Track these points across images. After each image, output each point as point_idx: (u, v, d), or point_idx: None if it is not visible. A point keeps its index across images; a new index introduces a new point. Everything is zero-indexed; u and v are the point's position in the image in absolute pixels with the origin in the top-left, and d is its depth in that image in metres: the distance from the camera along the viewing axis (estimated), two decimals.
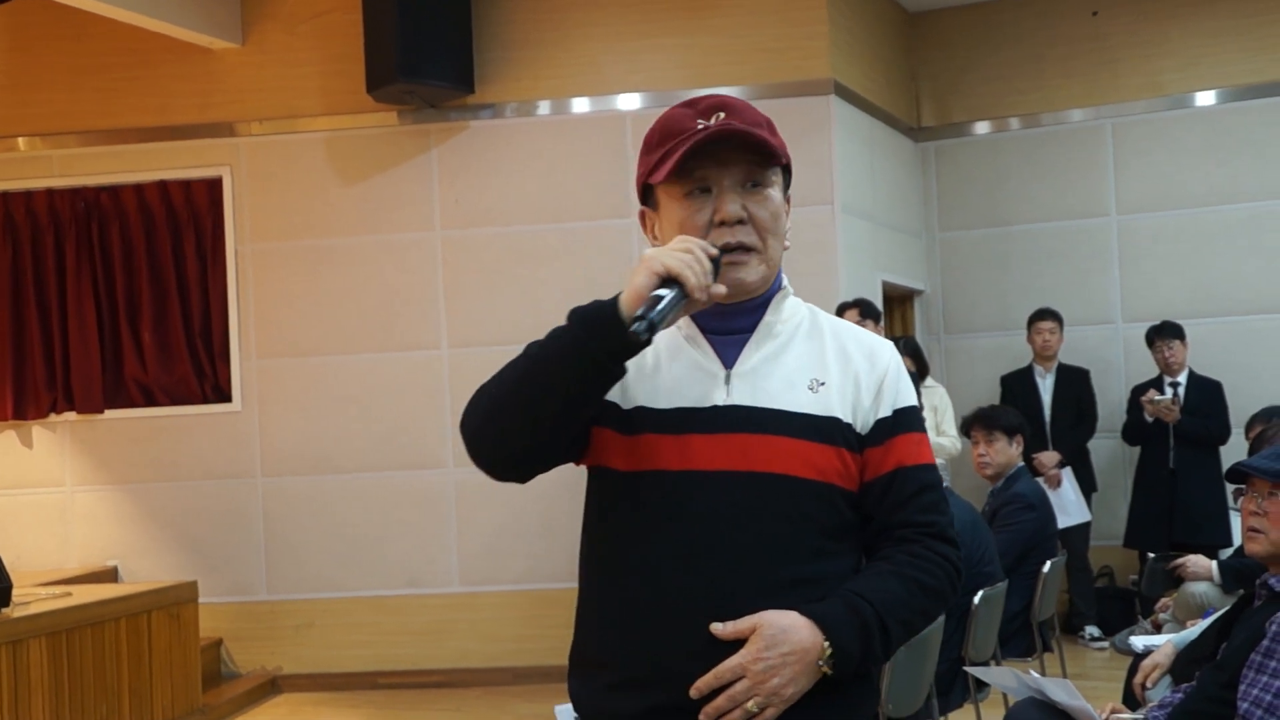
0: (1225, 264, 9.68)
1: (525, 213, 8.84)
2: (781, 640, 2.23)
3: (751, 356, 2.39)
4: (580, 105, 8.87)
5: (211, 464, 9.00)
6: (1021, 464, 6.99)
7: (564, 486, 9.00)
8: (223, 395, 9.06)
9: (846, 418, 2.38)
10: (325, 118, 8.96)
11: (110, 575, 8.92)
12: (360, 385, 8.93)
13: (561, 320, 2.35)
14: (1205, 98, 9.79)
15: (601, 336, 2.21)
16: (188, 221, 9.06)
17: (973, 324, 10.35)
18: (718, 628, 2.25)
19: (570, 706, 2.55)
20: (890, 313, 9.92)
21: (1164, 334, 9.20)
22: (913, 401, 2.47)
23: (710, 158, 2.33)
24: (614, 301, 2.23)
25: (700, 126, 2.34)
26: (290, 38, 8.98)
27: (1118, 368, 9.88)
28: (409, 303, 8.92)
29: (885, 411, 2.41)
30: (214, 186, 9.06)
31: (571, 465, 2.48)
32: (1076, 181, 10.07)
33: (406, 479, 8.89)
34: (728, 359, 2.39)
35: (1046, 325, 9.47)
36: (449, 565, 8.88)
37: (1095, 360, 9.72)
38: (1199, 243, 9.75)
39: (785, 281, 2.47)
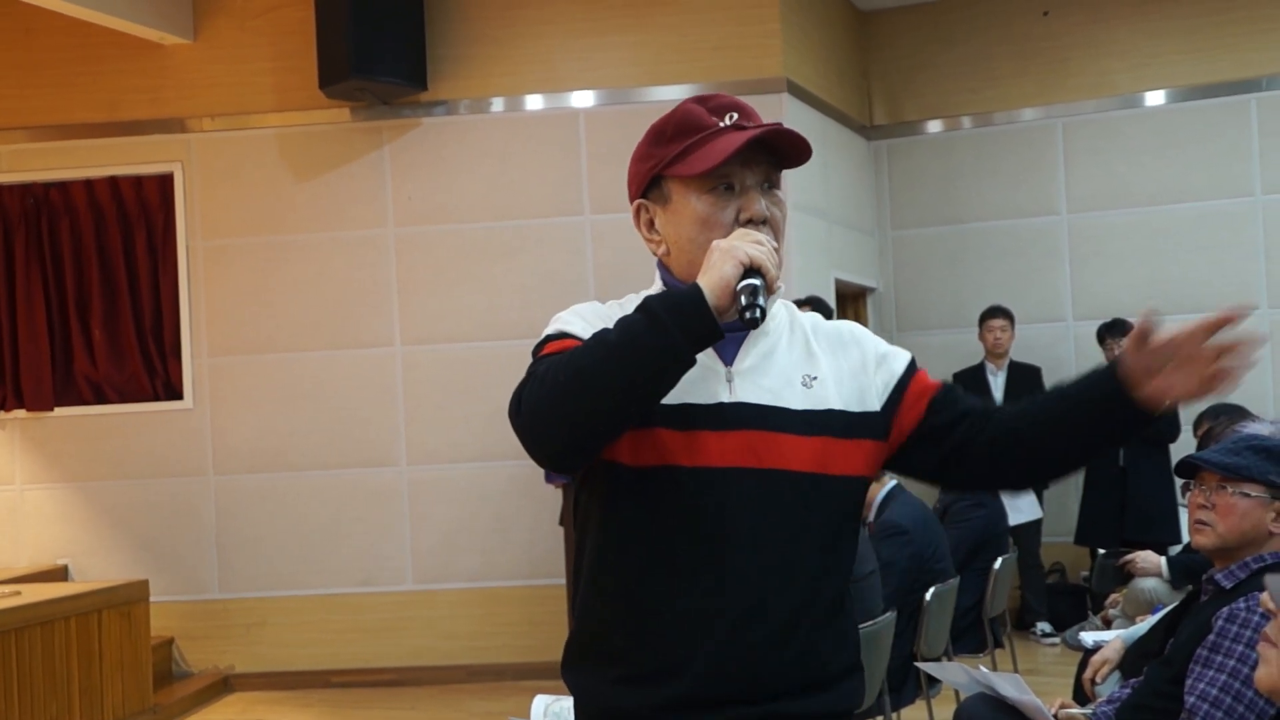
0: (1175, 262, 9.76)
1: (478, 210, 8.83)
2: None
3: (749, 354, 2.42)
4: (534, 103, 8.86)
5: (163, 462, 8.95)
6: None
7: (516, 484, 9.03)
8: (174, 392, 9.00)
9: (852, 407, 2.44)
10: (277, 114, 8.92)
11: (60, 574, 8.85)
12: (313, 382, 8.89)
13: (516, 316, 2.35)
14: (1155, 97, 9.87)
15: (689, 324, 2.19)
16: (139, 218, 9.00)
17: (925, 321, 10.40)
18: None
19: (543, 699, 2.55)
20: (843, 310, 9.95)
21: (1114, 331, 9.26)
22: (909, 355, 2.55)
23: (737, 156, 2.36)
24: (696, 291, 2.21)
25: (722, 125, 2.39)
26: (242, 33, 8.93)
27: (1069, 365, 9.93)
28: (362, 300, 8.89)
29: (897, 374, 2.50)
30: (165, 182, 9.00)
31: (521, 463, 2.48)
32: (1028, 180, 10.14)
33: (359, 476, 8.86)
34: (726, 356, 2.41)
35: (998, 323, 9.52)
36: (402, 563, 8.86)
37: (1047, 358, 9.78)
38: (1149, 241, 9.83)
39: None
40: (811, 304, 7.89)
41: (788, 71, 8.78)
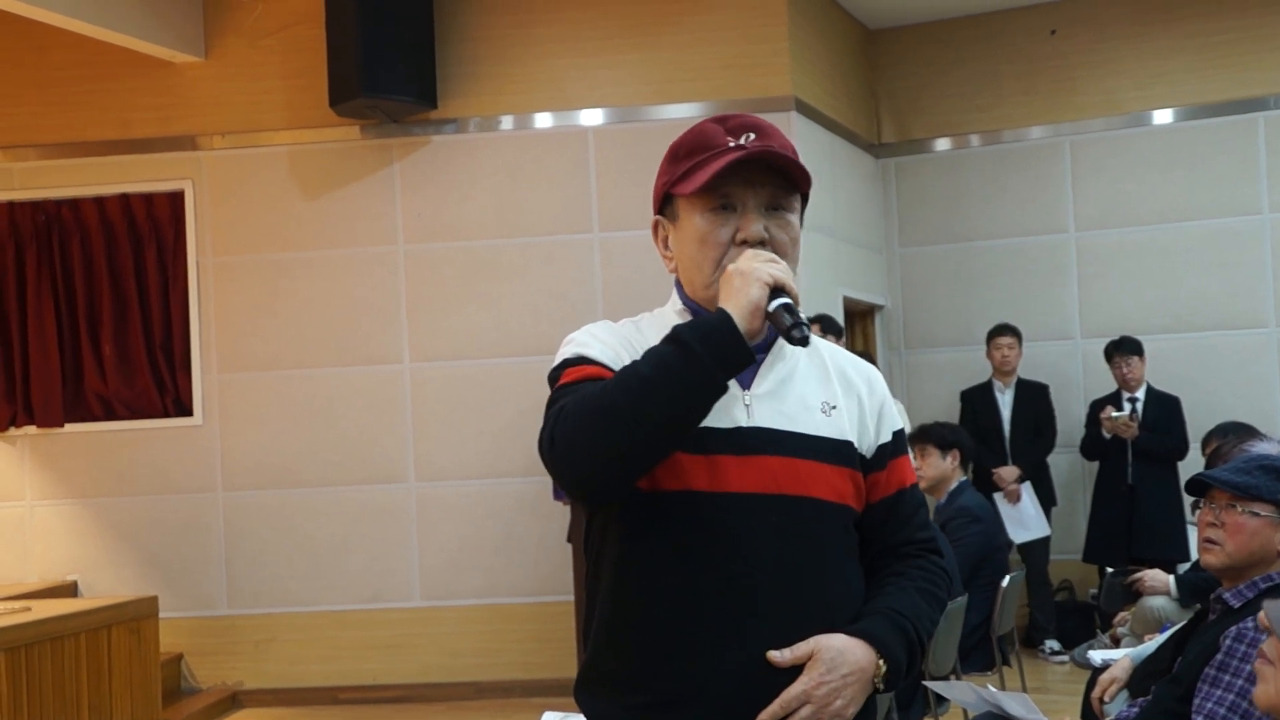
0: (1182, 280, 9.76)
1: (487, 227, 8.85)
2: (840, 663, 2.29)
3: (766, 378, 2.41)
4: (543, 120, 8.88)
5: (172, 478, 8.96)
6: (965, 478, 7.11)
7: (524, 501, 9.05)
8: (183, 409, 9.02)
9: (856, 442, 2.45)
10: (288, 131, 8.95)
11: (70, 590, 8.86)
12: (322, 399, 8.91)
13: (525, 333, 2.37)
14: (1162, 116, 9.88)
15: (723, 352, 2.20)
16: (149, 235, 9.03)
17: (933, 339, 10.41)
18: (775, 656, 2.29)
19: (552, 716, 2.56)
20: (851, 328, 9.96)
21: (1123, 349, 9.25)
22: (900, 424, 2.56)
23: (738, 176, 2.36)
24: (725, 317, 2.21)
25: (731, 144, 2.38)
26: (253, 51, 8.97)
27: (1077, 383, 9.94)
28: (371, 317, 8.91)
29: (886, 436, 2.50)
30: (176, 200, 9.03)
31: (529, 480, 2.47)
32: (1035, 198, 10.15)
33: (368, 493, 8.87)
34: (743, 380, 2.39)
35: (1005, 340, 9.52)
36: (410, 579, 8.86)
37: (1054, 375, 9.78)
38: (1156, 259, 9.83)
39: None
40: (820, 323, 7.91)
41: (796, 90, 8.80)
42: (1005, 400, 9.55)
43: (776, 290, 2.23)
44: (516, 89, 8.88)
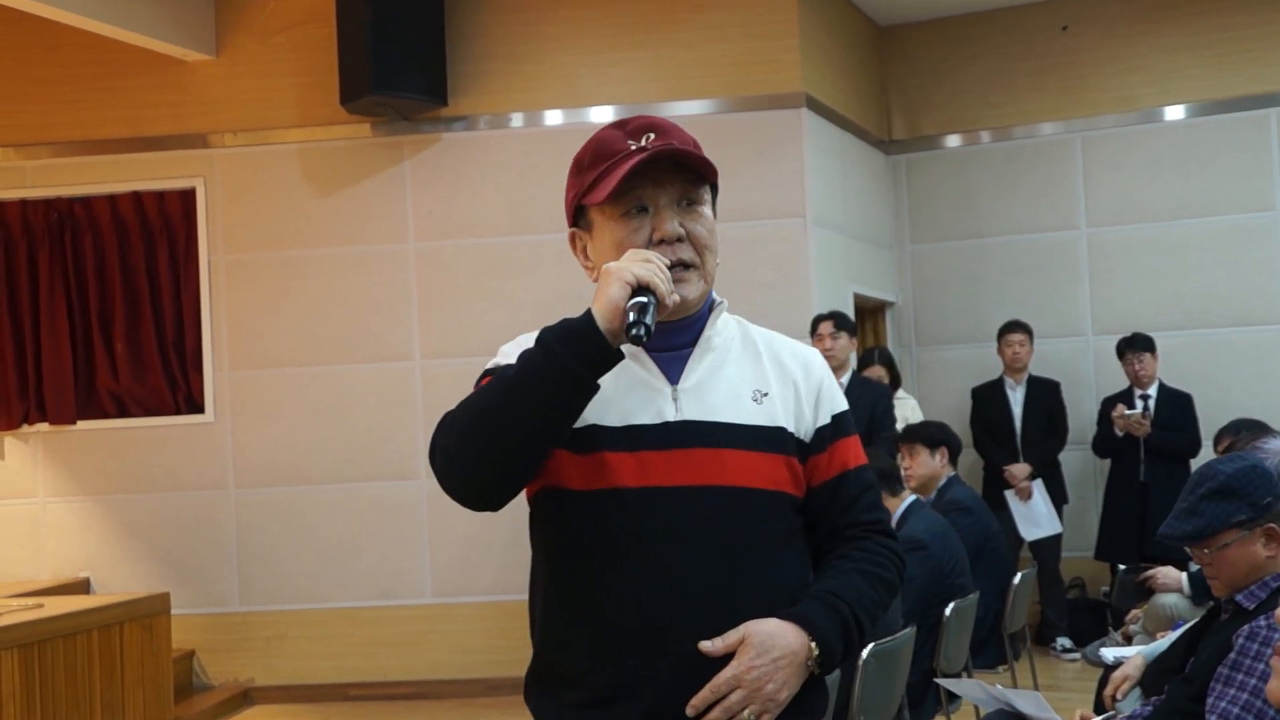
0: (1195, 277, 9.74)
1: (498, 225, 8.85)
2: (770, 646, 2.30)
3: (695, 371, 2.44)
4: (553, 118, 8.88)
5: (184, 475, 8.98)
6: (953, 473, 7.13)
7: None
8: (195, 406, 9.04)
9: (790, 427, 2.45)
10: (298, 129, 8.96)
11: (82, 587, 8.88)
12: (333, 396, 8.92)
13: (535, 331, 2.37)
14: (1174, 112, 9.86)
15: (583, 352, 2.23)
16: (161, 232, 9.05)
17: (944, 336, 10.40)
18: (706, 645, 2.30)
19: None
20: (862, 325, 9.94)
21: (1134, 346, 9.24)
22: (845, 405, 2.57)
23: (646, 177, 2.38)
24: (587, 318, 2.25)
25: (632, 147, 2.40)
26: (264, 49, 8.98)
27: (1088, 380, 9.93)
28: (382, 314, 8.92)
29: (825, 419, 2.51)
30: (187, 197, 9.05)
31: None
32: (1047, 195, 10.13)
33: (379, 490, 8.88)
34: (672, 375, 2.43)
35: (1016, 337, 9.50)
36: (421, 576, 8.87)
37: (1066, 372, 9.76)
38: (1168, 256, 9.81)
39: (716, 295, 2.53)
40: (833, 319, 7.90)
41: (806, 86, 8.79)
42: (1016, 397, 9.54)
43: (642, 289, 2.24)
44: (527, 86, 8.88)
